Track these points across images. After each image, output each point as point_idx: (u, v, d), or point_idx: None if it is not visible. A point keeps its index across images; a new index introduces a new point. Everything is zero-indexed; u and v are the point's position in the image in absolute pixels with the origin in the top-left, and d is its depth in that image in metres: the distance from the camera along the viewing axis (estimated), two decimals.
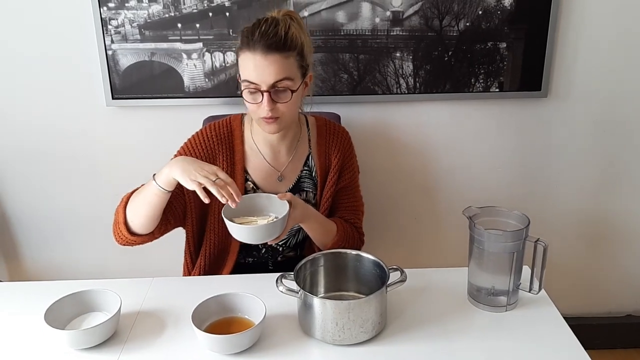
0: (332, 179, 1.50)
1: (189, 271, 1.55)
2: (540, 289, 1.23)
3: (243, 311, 1.20)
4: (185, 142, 1.47)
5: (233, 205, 1.20)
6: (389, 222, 1.99)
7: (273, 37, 1.27)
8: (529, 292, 1.23)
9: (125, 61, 1.77)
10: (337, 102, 1.81)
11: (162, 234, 1.41)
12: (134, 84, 1.80)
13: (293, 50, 1.30)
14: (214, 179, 1.19)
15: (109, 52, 1.76)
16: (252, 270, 1.51)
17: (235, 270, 1.50)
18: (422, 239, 2.05)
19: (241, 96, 1.35)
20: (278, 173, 1.48)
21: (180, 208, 1.43)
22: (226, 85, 1.80)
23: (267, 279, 1.24)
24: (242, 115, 1.50)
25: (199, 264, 1.50)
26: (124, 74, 1.79)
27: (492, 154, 1.95)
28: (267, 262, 1.55)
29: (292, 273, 1.19)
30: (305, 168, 1.50)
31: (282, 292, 1.16)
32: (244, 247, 1.49)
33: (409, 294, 1.28)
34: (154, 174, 1.29)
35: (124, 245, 1.38)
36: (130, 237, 1.35)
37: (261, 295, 1.18)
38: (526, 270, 1.27)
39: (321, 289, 1.28)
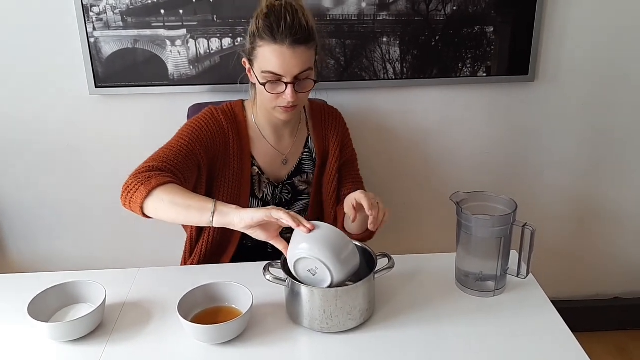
0: (335, 156, 1.53)
1: (187, 256, 1.55)
2: (528, 274, 1.22)
3: (230, 300, 1.19)
4: (191, 121, 1.42)
5: (305, 231, 1.09)
6: None
7: (300, 30, 1.27)
8: (517, 276, 1.23)
9: (108, 49, 1.74)
10: (324, 88, 1.78)
11: None
12: (117, 72, 1.77)
13: (314, 41, 1.32)
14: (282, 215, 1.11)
15: (91, 40, 1.73)
16: (251, 253, 1.53)
17: (235, 254, 1.51)
18: (410, 225, 2.05)
19: (242, 83, 1.40)
20: (282, 157, 1.50)
21: (191, 187, 1.40)
22: (211, 72, 1.77)
23: (254, 268, 1.23)
24: (242, 101, 1.50)
25: (198, 250, 1.50)
26: (107, 62, 1.76)
27: (479, 139, 1.94)
28: (266, 244, 1.54)
29: (279, 262, 1.17)
30: (306, 150, 1.53)
31: (269, 280, 1.15)
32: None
33: (397, 280, 1.28)
34: (215, 203, 1.16)
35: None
36: (139, 213, 1.27)
37: (248, 284, 1.17)
38: (514, 254, 1.27)
39: None
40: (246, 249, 1.55)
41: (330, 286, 1.09)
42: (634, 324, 2.22)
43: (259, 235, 1.15)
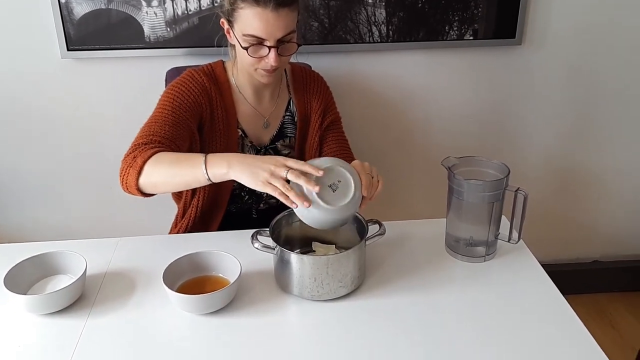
0: (317, 122, 1.49)
1: (175, 225, 1.51)
2: (519, 239, 1.21)
3: (217, 269, 1.15)
4: (172, 85, 1.37)
5: (316, 190, 1.03)
6: None
7: None
8: (508, 241, 1.22)
9: (80, 9, 1.65)
10: (307, 51, 1.73)
11: None
12: (90, 33, 1.68)
13: (297, 3, 1.27)
14: (285, 174, 1.04)
15: (62, 0, 1.64)
16: (236, 218, 1.51)
17: (221, 222, 1.48)
18: (397, 191, 2.03)
19: (220, 46, 1.37)
20: (264, 119, 1.46)
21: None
22: (189, 34, 1.70)
23: (241, 236, 1.19)
24: (222, 62, 1.45)
25: (187, 218, 1.46)
26: (79, 23, 1.67)
27: (466, 103, 1.91)
28: (250, 210, 1.53)
29: (268, 229, 1.14)
30: (288, 113, 1.49)
31: (257, 249, 1.12)
32: (231, 196, 1.48)
33: (387, 247, 1.25)
34: (205, 157, 1.11)
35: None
36: (139, 195, 1.23)
37: (236, 252, 1.14)
38: (504, 220, 1.25)
39: (298, 244, 1.24)
40: (231, 215, 1.51)
41: (352, 200, 1.05)
42: (613, 286, 2.26)
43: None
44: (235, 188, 1.47)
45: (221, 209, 1.47)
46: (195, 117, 1.34)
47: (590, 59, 1.87)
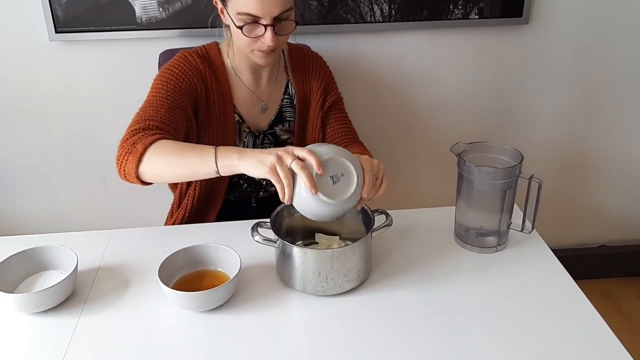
0: (317, 105, 1.42)
1: (172, 215, 1.46)
2: (532, 229, 1.16)
3: (216, 263, 1.10)
4: (165, 68, 1.30)
5: (320, 171, 0.96)
6: None
7: None
8: (521, 231, 1.16)
9: None
10: (306, 32, 1.66)
11: None
12: (79, 15, 1.60)
13: None
14: (290, 162, 0.96)
15: None
16: (235, 207, 1.46)
17: (220, 211, 1.42)
18: (402, 178, 1.97)
19: (214, 27, 1.31)
20: (262, 103, 1.39)
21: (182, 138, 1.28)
22: (183, 15, 1.62)
23: (241, 227, 1.13)
24: (217, 43, 1.38)
25: (184, 207, 1.40)
26: (68, 5, 1.59)
27: (471, 85, 1.85)
28: (249, 198, 1.48)
29: (268, 221, 1.08)
30: (286, 96, 1.42)
31: (258, 242, 1.06)
32: (229, 184, 1.42)
33: (393, 238, 1.20)
34: (215, 150, 1.04)
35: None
36: (139, 184, 1.16)
37: (235, 244, 1.08)
38: (516, 208, 1.20)
39: (300, 236, 1.18)
40: (229, 204, 1.45)
41: (353, 195, 0.99)
42: (621, 271, 2.21)
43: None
44: (233, 176, 1.41)
45: (219, 198, 1.41)
46: (190, 101, 1.28)
47: (600, 38, 1.80)
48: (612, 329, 0.95)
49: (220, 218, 1.42)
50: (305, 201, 0.98)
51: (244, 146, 1.40)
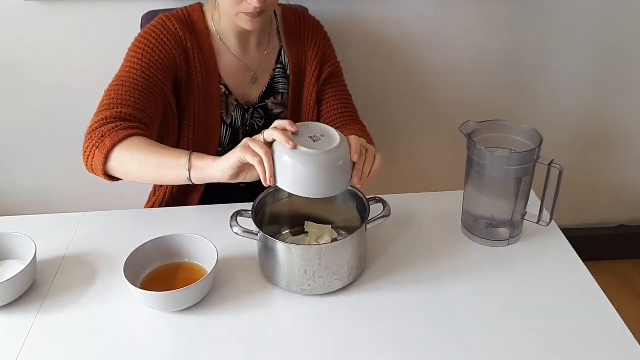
0: (313, 74, 1.28)
1: (152, 196, 1.34)
2: (551, 220, 1.02)
3: (191, 255, 0.98)
4: (140, 37, 1.16)
5: (293, 129, 0.87)
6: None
7: None
8: (537, 223, 1.03)
9: None
10: None
11: None
12: None
13: None
14: (262, 137, 0.88)
15: None
16: (221, 188, 1.30)
17: (205, 192, 1.30)
18: (402, 156, 1.83)
19: None
20: (251, 73, 1.25)
21: (158, 124, 1.16)
22: None
23: (225, 212, 1.01)
24: (200, 4, 1.23)
25: (163, 189, 1.29)
26: None
27: (482, 51, 1.68)
28: None
29: (250, 209, 0.96)
30: (279, 65, 1.28)
31: (237, 234, 0.93)
32: None
33: (392, 227, 1.07)
34: (190, 157, 0.95)
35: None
36: (106, 179, 1.06)
37: (218, 231, 0.98)
38: (532, 196, 1.06)
39: (287, 224, 1.06)
40: (215, 185, 1.32)
41: (337, 149, 0.86)
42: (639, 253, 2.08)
43: (250, 177, 0.92)
44: (220, 152, 1.28)
45: None
46: (169, 76, 1.14)
47: (623, 4, 1.62)
48: (630, 314, 0.84)
49: (205, 199, 1.29)
50: (289, 168, 0.85)
51: (232, 121, 1.26)
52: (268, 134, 0.87)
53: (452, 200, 1.12)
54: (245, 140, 0.88)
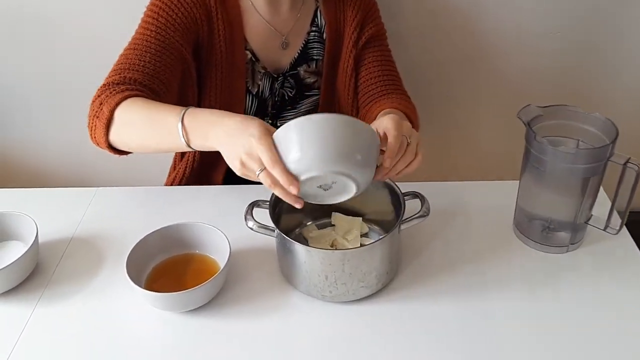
0: (352, 36, 1.13)
1: (172, 172, 1.25)
2: (621, 228, 0.87)
3: (202, 246, 0.88)
4: None
5: (294, 191, 0.71)
6: None
7: None
8: (604, 230, 0.87)
9: None
10: None
11: None
12: None
13: None
14: (258, 173, 0.72)
15: None
16: None
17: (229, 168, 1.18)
18: (452, 135, 1.65)
19: None
20: (282, 37, 1.12)
21: (175, 94, 1.05)
22: None
23: (250, 192, 0.90)
24: None
25: (188, 157, 1.19)
26: None
27: (551, 16, 1.46)
28: None
29: (268, 200, 0.84)
30: (314, 28, 1.14)
31: (252, 229, 0.83)
32: None
33: (430, 224, 0.92)
34: (183, 116, 0.81)
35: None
36: (114, 153, 0.97)
37: (234, 218, 0.87)
38: (601, 195, 0.91)
39: (313, 215, 0.94)
40: None
41: (356, 194, 0.74)
42: None
43: None
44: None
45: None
46: (188, 38, 1.02)
47: None
48: None
49: (229, 176, 1.19)
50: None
51: (258, 90, 1.13)
52: (266, 184, 0.72)
53: (506, 193, 0.97)
54: (243, 159, 0.73)
